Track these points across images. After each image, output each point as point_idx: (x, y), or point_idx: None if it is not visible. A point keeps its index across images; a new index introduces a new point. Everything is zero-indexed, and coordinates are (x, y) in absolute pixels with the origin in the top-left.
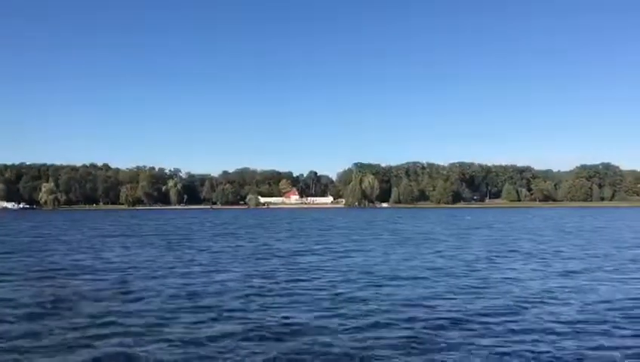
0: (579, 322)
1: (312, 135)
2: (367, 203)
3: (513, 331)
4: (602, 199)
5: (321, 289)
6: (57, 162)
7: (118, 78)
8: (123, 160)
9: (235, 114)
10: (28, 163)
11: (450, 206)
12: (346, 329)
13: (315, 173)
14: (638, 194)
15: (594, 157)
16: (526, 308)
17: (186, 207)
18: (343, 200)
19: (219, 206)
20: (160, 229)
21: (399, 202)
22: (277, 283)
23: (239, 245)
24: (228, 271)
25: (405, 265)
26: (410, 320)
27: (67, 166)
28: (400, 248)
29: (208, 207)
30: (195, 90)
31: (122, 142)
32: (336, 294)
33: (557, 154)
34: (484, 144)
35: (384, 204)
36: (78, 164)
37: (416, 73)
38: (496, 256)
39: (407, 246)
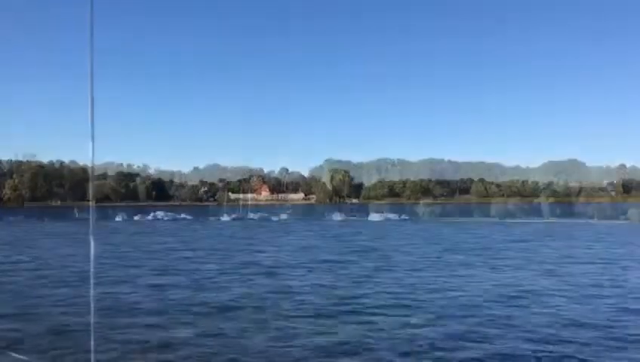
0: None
1: (284, 131)
2: (337, 199)
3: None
4: (569, 195)
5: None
6: (23, 158)
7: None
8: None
9: (205, 110)
10: None
11: (419, 202)
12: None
13: (287, 170)
14: (602, 190)
15: (562, 153)
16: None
17: (153, 204)
18: (314, 196)
19: (188, 202)
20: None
21: (369, 198)
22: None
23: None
24: None
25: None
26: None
27: (33, 162)
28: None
29: (177, 203)
30: (164, 85)
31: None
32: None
33: (525, 151)
34: (454, 141)
35: (355, 200)
36: (45, 160)
37: (386, 70)
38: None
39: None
